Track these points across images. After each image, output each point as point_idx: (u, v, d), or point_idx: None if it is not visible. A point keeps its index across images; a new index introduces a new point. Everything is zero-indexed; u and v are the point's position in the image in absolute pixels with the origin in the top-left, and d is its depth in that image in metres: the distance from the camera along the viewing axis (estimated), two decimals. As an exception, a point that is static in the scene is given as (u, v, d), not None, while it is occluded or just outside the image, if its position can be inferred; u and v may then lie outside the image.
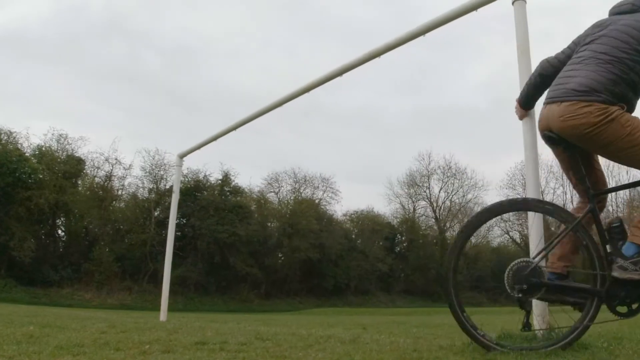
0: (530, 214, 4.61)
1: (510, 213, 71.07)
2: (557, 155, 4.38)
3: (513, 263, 4.00)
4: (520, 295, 3.86)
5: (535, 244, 4.44)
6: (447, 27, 5.83)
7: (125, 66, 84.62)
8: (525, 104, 4.72)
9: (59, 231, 47.66)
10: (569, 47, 4.35)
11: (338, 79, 7.33)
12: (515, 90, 4.85)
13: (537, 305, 4.34)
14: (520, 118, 4.86)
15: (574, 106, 3.81)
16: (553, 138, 4.04)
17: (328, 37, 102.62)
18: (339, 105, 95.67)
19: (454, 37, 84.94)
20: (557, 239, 4.05)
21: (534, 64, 4.61)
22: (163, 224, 45.46)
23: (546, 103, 4.10)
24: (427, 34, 6.03)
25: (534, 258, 4.00)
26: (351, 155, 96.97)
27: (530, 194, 4.67)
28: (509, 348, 3.66)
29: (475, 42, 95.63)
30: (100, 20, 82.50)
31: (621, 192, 74.76)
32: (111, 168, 49.65)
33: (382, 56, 6.67)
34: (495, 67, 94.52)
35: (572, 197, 72.87)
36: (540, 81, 4.42)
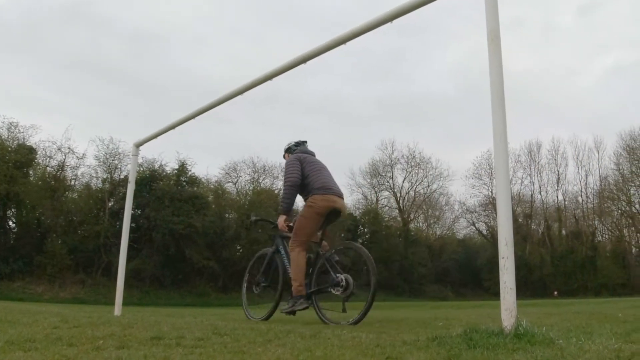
0: (499, 206, 4.64)
1: (477, 205, 71.70)
2: (320, 221, 7.87)
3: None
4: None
5: (504, 236, 4.47)
6: (415, 12, 5.81)
7: (85, 53, 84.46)
8: (289, 211, 8.21)
9: (10, 223, 47.28)
10: (298, 171, 8.07)
11: (302, 66, 7.29)
12: (485, 77, 4.85)
13: (504, 300, 4.38)
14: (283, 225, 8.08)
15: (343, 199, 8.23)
16: (337, 213, 7.98)
17: (297, 25, 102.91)
18: (304, 94, 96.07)
19: (424, 23, 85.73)
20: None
21: (505, 51, 4.66)
22: (117, 215, 45.99)
23: (333, 194, 7.92)
24: (395, 21, 6.02)
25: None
26: (314, 144, 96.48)
27: (500, 183, 4.65)
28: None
29: (445, 28, 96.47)
30: (61, 7, 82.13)
31: (591, 183, 75.58)
32: (64, 157, 49.42)
33: (347, 43, 6.65)
34: (465, 53, 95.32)
35: (540, 187, 73.77)
36: (296, 191, 8.13)
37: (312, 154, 8.58)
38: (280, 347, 3.83)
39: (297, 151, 8.45)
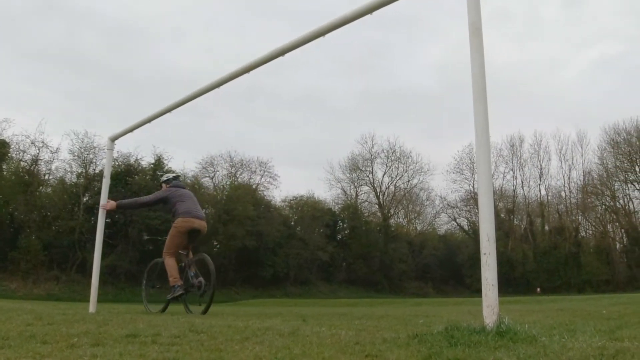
0: (481, 201, 4.64)
1: (459, 200, 71.73)
2: (182, 237, 10.59)
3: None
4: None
5: (486, 232, 4.49)
6: (398, 5, 5.78)
7: (60, 46, 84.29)
8: (120, 207, 10.81)
9: (-18, 218, 46.62)
10: (157, 199, 10.97)
11: (280, 59, 7.28)
12: (467, 72, 4.85)
13: (486, 296, 4.39)
14: (106, 207, 10.48)
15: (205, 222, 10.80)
16: (196, 231, 10.70)
17: (277, 17, 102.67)
18: (284, 88, 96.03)
19: (408, 17, 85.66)
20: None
21: (488, 43, 4.66)
22: (92, 210, 45.71)
23: (195, 217, 10.67)
24: (375, 12, 6.01)
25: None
26: (293, 138, 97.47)
27: (481, 178, 4.65)
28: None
29: (429, 22, 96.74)
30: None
31: (574, 178, 75.87)
32: (37, 151, 48.91)
33: (326, 35, 6.62)
34: (449, 47, 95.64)
35: (522, 182, 73.97)
36: (140, 205, 11.34)
37: (183, 187, 11.27)
38: (258, 345, 3.82)
39: (172, 185, 11.05)
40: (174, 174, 11.72)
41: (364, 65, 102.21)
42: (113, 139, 10.97)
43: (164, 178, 11.39)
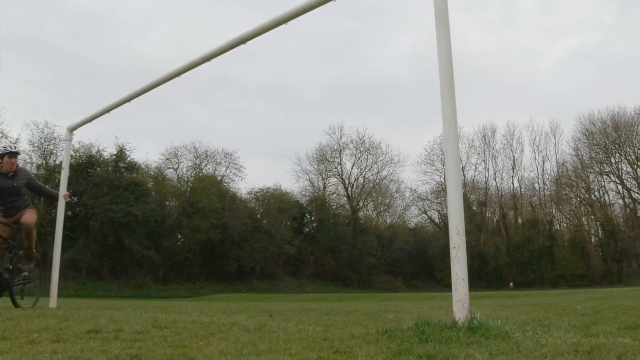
0: (450, 193, 4.67)
1: (429, 192, 71.62)
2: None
3: None
4: None
5: (455, 224, 4.52)
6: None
7: (23, 34, 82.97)
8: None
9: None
10: None
11: (245, 48, 7.27)
12: (434, 60, 4.89)
13: (456, 291, 4.42)
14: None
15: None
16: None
17: (245, 5, 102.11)
18: (251, 77, 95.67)
19: (378, 4, 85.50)
20: None
21: (461, 33, 4.70)
22: (53, 202, 44.73)
23: None
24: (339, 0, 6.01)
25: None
26: (260, 129, 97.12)
27: (450, 169, 4.68)
28: None
29: (400, 8, 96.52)
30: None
31: (548, 169, 75.96)
32: (-5, 142, 47.97)
33: (289, 23, 6.61)
34: (422, 36, 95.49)
35: (494, 173, 74.08)
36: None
37: None
38: (223, 341, 3.85)
39: None
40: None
41: (334, 54, 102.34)
42: (71, 130, 10.94)
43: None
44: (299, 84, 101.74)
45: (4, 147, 9.45)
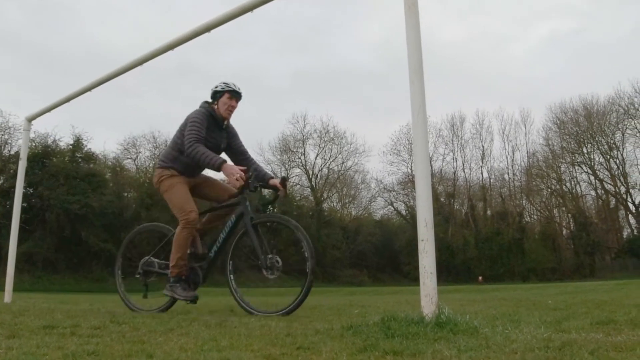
0: (418, 184, 4.69)
1: (396, 183, 71.68)
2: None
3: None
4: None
5: (424, 216, 4.54)
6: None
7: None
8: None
9: None
10: None
11: (208, 36, 7.26)
12: (403, 49, 4.88)
13: (424, 285, 4.45)
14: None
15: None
16: None
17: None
18: (216, 65, 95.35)
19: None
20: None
21: (430, 21, 4.71)
22: (7, 193, 45.19)
23: None
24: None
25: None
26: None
27: (418, 159, 4.66)
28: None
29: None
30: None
31: (518, 160, 76.38)
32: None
33: (255, 11, 6.59)
34: (391, 24, 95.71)
35: (463, 164, 74.26)
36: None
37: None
38: (183, 337, 3.83)
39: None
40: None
41: (300, 43, 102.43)
42: (30, 119, 10.85)
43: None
44: (264, 72, 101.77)
45: (224, 83, 7.14)
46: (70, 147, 52.97)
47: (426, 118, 4.77)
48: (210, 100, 7.16)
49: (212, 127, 7.05)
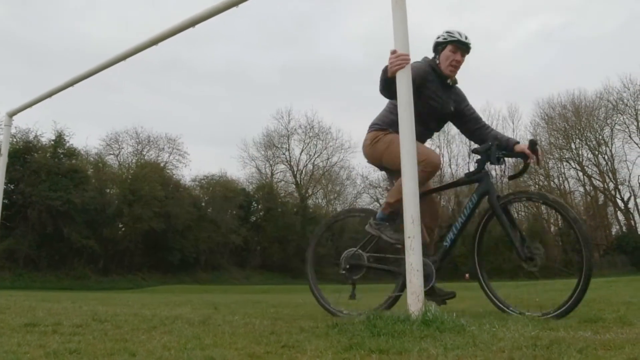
0: (405, 180, 4.67)
1: (382, 179, 71.40)
2: None
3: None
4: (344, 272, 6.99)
5: (410, 213, 4.54)
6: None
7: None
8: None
9: None
10: None
11: (192, 31, 7.22)
12: (390, 44, 4.93)
13: (410, 283, 4.46)
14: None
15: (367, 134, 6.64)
16: None
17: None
18: (201, 61, 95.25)
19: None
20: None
21: (411, 16, 4.69)
22: None
23: None
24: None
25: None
26: (207, 114, 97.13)
27: (405, 155, 4.66)
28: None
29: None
30: None
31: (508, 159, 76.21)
32: None
33: (240, 5, 6.57)
34: (378, 19, 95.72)
35: (450, 159, 74.00)
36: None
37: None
38: (166, 335, 3.84)
39: None
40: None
41: (287, 38, 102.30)
42: (11, 115, 10.83)
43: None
44: (250, 68, 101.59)
45: (447, 32, 6.11)
46: (52, 142, 52.83)
47: (413, 113, 4.77)
48: (432, 55, 6.23)
49: (435, 83, 6.10)
